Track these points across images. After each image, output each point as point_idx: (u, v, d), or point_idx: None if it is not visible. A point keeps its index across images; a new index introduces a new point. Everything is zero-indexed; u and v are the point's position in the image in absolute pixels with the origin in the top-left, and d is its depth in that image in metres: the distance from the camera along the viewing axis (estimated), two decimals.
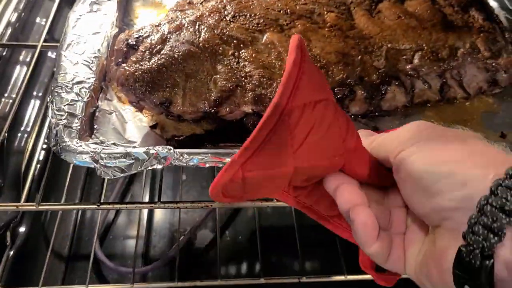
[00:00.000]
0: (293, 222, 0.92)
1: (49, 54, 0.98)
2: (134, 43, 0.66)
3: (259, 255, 0.84)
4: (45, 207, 0.66)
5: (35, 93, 0.94)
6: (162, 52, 0.64)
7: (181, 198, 0.99)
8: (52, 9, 0.86)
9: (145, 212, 1.05)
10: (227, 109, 0.62)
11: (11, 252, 0.83)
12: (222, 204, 0.68)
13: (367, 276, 0.76)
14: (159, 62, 0.63)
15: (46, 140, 0.93)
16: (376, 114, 0.67)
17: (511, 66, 0.69)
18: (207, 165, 0.57)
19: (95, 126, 0.64)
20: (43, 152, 0.94)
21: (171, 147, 0.57)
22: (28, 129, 0.89)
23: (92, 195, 1.03)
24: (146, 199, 1.04)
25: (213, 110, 0.62)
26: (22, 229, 0.88)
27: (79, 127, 0.59)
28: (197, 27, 0.68)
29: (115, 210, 1.04)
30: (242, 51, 0.66)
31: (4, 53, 0.81)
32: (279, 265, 0.95)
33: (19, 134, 0.89)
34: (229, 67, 0.64)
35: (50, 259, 0.82)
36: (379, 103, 0.66)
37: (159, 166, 0.57)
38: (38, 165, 0.92)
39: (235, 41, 0.67)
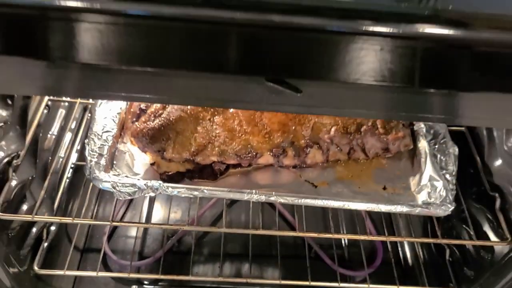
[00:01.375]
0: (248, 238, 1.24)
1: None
2: (144, 108, 1.00)
3: (221, 259, 1.15)
4: (78, 221, 0.99)
5: (69, 126, 1.27)
6: (162, 116, 0.98)
7: (171, 210, 1.32)
8: None
9: (142, 219, 1.37)
10: (201, 158, 0.95)
11: (45, 244, 1.14)
12: (192, 227, 1.00)
13: None
14: (159, 123, 0.96)
15: (73, 162, 1.26)
16: (303, 166, 1.00)
17: (396, 140, 1.01)
18: (183, 196, 0.90)
19: (114, 162, 0.97)
20: (71, 170, 1.28)
21: (161, 182, 0.90)
22: (62, 154, 1.22)
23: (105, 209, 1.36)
24: (144, 214, 1.36)
25: (191, 158, 0.95)
26: (53, 228, 1.20)
27: (104, 164, 0.92)
28: None
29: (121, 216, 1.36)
30: (216, 117, 0.99)
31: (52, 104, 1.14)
32: (237, 269, 1.27)
33: (55, 159, 1.21)
34: (205, 128, 0.97)
35: (72, 251, 1.14)
36: (304, 160, 0.99)
37: (153, 194, 0.90)
38: (67, 181, 1.25)
39: (211, 109, 1.00)
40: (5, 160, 0.89)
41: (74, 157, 1.27)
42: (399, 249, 1.37)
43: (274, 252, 1.24)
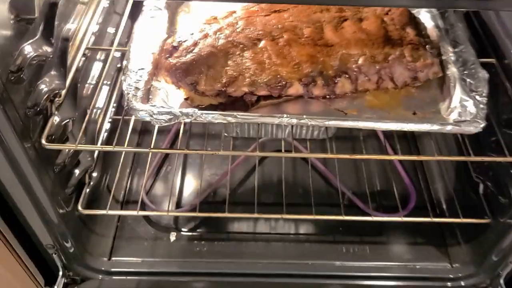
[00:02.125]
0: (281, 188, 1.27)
1: (115, 54, 1.36)
2: (177, 45, 1.03)
3: (255, 201, 1.18)
4: (118, 149, 1.04)
5: (105, 81, 1.33)
6: (193, 52, 1.01)
7: (203, 165, 1.37)
8: (121, 22, 1.25)
9: (178, 176, 1.41)
10: (233, 89, 0.98)
11: (88, 189, 1.21)
12: (224, 152, 1.04)
13: None
14: (191, 58, 1.00)
15: (111, 116, 1.33)
16: (332, 96, 1.02)
17: (425, 67, 1.02)
18: (217, 121, 0.93)
19: (150, 97, 1.01)
20: (109, 124, 1.33)
21: (196, 109, 0.93)
22: (101, 106, 1.28)
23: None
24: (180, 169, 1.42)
25: (223, 89, 0.98)
26: (94, 174, 1.25)
27: (141, 96, 0.96)
28: (217, 35, 1.04)
29: (156, 171, 1.41)
30: (245, 52, 1.02)
31: (89, 54, 1.19)
32: (271, 206, 1.29)
33: (94, 110, 1.27)
34: (236, 62, 1.00)
35: (112, 202, 1.20)
36: (333, 89, 1.00)
37: (188, 120, 0.93)
38: (106, 134, 1.30)
39: (241, 45, 1.03)
40: (48, 94, 0.94)
41: (111, 113, 1.34)
42: (432, 192, 1.37)
43: (308, 200, 1.26)
